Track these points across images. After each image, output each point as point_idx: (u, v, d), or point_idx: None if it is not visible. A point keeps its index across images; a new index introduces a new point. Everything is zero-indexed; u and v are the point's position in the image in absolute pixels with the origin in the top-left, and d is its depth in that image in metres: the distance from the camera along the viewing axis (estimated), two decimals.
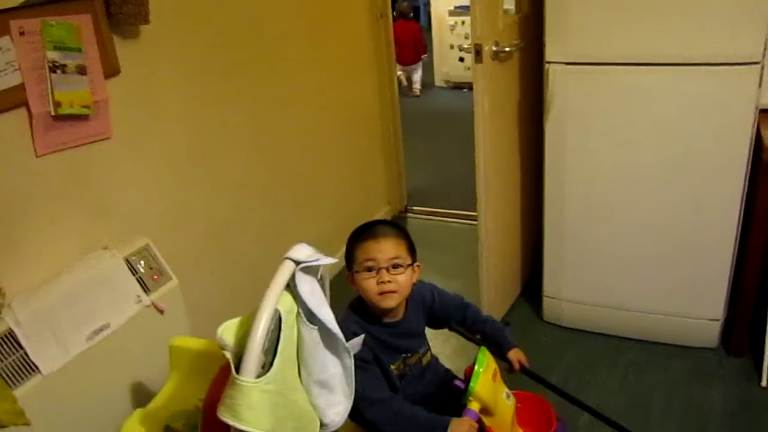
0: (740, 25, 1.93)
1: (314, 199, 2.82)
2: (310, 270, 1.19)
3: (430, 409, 1.61)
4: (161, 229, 1.98)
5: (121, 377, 1.70)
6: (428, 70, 6.39)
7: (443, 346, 2.28)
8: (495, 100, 2.22)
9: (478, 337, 1.81)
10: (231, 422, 0.99)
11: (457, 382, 1.67)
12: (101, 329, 1.66)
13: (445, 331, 1.80)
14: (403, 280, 1.55)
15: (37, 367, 1.52)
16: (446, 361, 1.84)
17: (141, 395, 1.69)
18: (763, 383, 2.18)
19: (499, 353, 1.75)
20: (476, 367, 1.60)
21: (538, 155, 2.36)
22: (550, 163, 2.32)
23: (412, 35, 6.05)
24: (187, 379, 1.52)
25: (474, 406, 1.57)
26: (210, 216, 2.22)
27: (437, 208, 3.61)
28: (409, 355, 1.66)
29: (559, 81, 2.17)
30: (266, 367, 1.05)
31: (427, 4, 7.18)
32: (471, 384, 1.57)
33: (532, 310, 2.67)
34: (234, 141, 2.32)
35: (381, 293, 1.54)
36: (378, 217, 3.25)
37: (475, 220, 2.38)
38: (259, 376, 1.02)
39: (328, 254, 1.22)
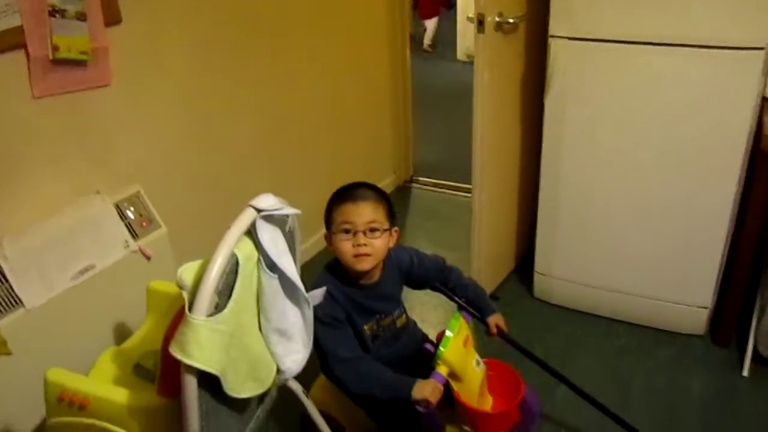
0: (747, 9, 1.89)
1: (317, 163, 2.84)
2: (274, 220, 1.21)
3: (404, 372, 1.64)
4: (155, 179, 2.03)
5: (104, 317, 1.75)
6: (451, 44, 6.33)
7: (430, 313, 2.32)
8: (496, 73, 2.21)
9: (463, 300, 1.83)
10: (179, 357, 1.03)
11: (428, 346, 1.70)
12: (87, 269, 1.71)
13: (432, 298, 1.83)
14: (379, 245, 1.57)
15: (21, 301, 1.58)
16: (430, 329, 1.87)
17: (120, 335, 1.75)
18: (745, 373, 2.17)
19: (479, 317, 1.77)
20: (447, 332, 1.63)
21: (538, 132, 2.35)
22: (548, 140, 2.31)
23: None
24: (162, 321, 1.55)
25: (442, 369, 1.59)
26: (206, 172, 2.26)
27: (443, 180, 3.62)
28: (383, 316, 1.69)
29: (561, 56, 2.15)
30: (219, 308, 1.08)
31: None
32: (440, 348, 1.59)
33: (524, 287, 2.68)
34: (237, 100, 2.34)
35: (356, 255, 1.56)
36: (382, 185, 3.25)
37: None
38: (211, 316, 1.05)
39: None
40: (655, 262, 2.30)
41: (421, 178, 3.66)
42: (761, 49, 1.91)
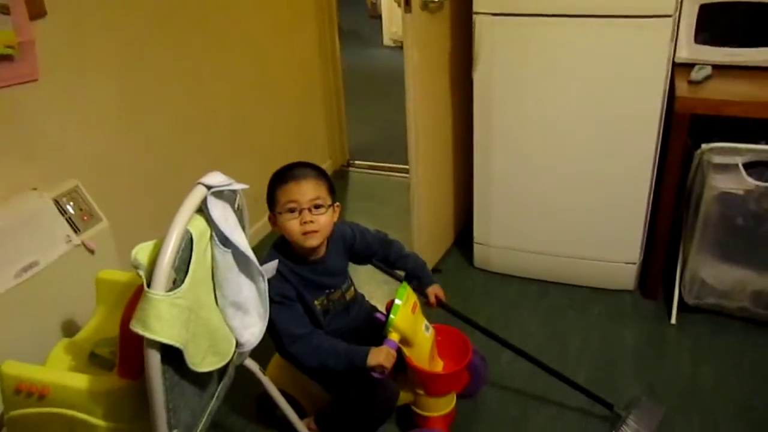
0: None
1: (252, 150, 2.86)
2: (223, 196, 1.24)
3: (357, 343, 1.70)
4: (92, 173, 2.00)
5: (52, 312, 1.73)
6: (377, 29, 6.38)
7: (375, 289, 2.38)
8: (425, 52, 2.27)
9: (403, 275, 1.90)
10: (141, 332, 1.05)
11: (378, 315, 1.77)
12: (30, 266, 1.68)
13: (377, 275, 1.89)
14: (324, 220, 1.62)
15: None
16: (378, 304, 1.94)
17: (70, 330, 1.73)
18: (673, 321, 2.33)
19: (419, 288, 1.84)
20: (396, 300, 1.70)
21: (469, 108, 2.44)
22: (479, 114, 2.40)
23: None
24: (114, 310, 1.56)
25: (394, 336, 1.66)
26: (142, 161, 2.25)
27: (379, 162, 3.68)
28: (332, 290, 1.74)
29: (486, 32, 2.24)
30: (177, 284, 1.11)
31: None
32: (391, 316, 1.66)
33: (464, 258, 2.78)
34: (167, 89, 2.33)
35: (304, 233, 1.61)
36: None
37: None
38: (170, 291, 1.08)
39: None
40: (584, 223, 2.43)
41: (357, 162, 3.72)
42: (668, 16, 2.05)
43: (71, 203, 1.86)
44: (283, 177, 1.64)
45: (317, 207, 1.61)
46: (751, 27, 2.19)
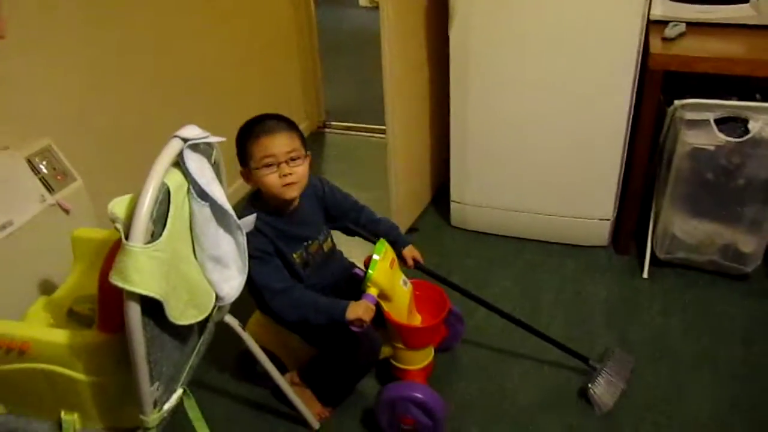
0: None
1: (226, 111, 2.82)
2: (200, 149, 1.24)
3: (336, 298, 1.71)
4: (65, 131, 1.97)
5: (28, 272, 1.72)
6: None
7: (352, 248, 2.39)
8: (400, 8, 2.25)
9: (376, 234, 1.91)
10: (121, 284, 1.06)
11: (357, 270, 1.79)
12: (4, 226, 1.66)
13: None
14: (302, 171, 1.63)
15: None
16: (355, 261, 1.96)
17: (48, 288, 1.73)
18: (645, 275, 2.38)
19: (395, 251, 1.86)
20: (374, 256, 1.71)
21: (445, 66, 2.43)
22: (455, 72, 2.40)
23: None
24: (91, 268, 1.56)
25: (372, 291, 1.69)
26: (115, 120, 2.22)
27: (355, 123, 3.67)
28: (310, 242, 1.75)
29: None
30: (155, 236, 1.11)
31: None
32: (369, 271, 1.68)
33: (441, 217, 2.80)
34: (139, 47, 2.29)
35: (285, 185, 1.61)
36: None
37: None
38: (148, 243, 1.08)
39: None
40: (559, 180, 2.46)
41: (333, 123, 3.70)
42: None
43: (44, 162, 1.83)
44: (253, 131, 1.62)
45: (294, 159, 1.61)
46: None
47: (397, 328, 1.79)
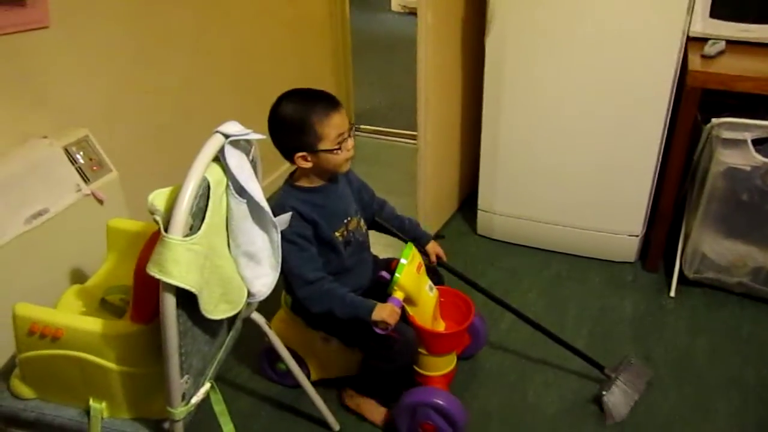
0: None
1: (259, 108, 2.83)
2: (240, 146, 1.25)
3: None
4: (102, 123, 2.00)
5: (61, 260, 1.75)
6: None
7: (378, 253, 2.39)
8: (439, 13, 2.26)
9: (399, 230, 1.91)
10: (158, 276, 1.06)
11: (383, 273, 1.78)
12: (40, 213, 1.69)
13: (381, 239, 1.91)
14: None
15: None
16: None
17: (80, 277, 1.75)
18: (672, 294, 2.36)
19: (418, 247, 1.85)
20: (402, 260, 1.71)
21: (479, 72, 2.43)
22: (489, 80, 2.40)
23: None
24: (124, 259, 1.57)
25: (398, 294, 1.68)
26: (151, 113, 2.24)
27: (385, 127, 3.67)
28: (349, 218, 1.74)
29: None
30: (194, 230, 1.12)
31: None
32: (396, 274, 1.68)
33: (468, 224, 2.79)
34: (177, 41, 2.32)
35: (346, 160, 1.62)
36: None
37: None
38: (187, 236, 1.09)
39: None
40: (589, 194, 2.44)
41: (363, 126, 3.71)
42: None
43: (81, 153, 1.86)
44: (317, 110, 1.54)
45: (350, 131, 1.61)
46: (766, 3, 2.18)
47: (421, 333, 1.78)
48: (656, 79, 2.17)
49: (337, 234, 1.69)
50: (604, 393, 1.85)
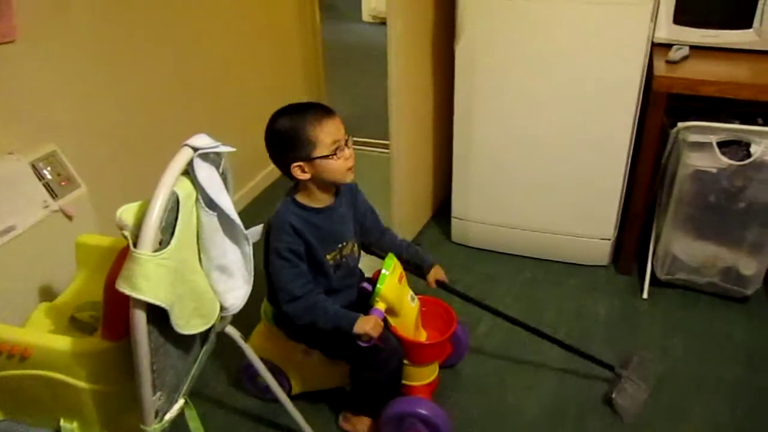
0: None
1: (231, 120, 2.83)
2: (209, 158, 1.24)
3: None
4: (70, 137, 1.97)
5: (29, 278, 1.71)
6: (356, 5, 6.33)
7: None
8: (408, 21, 2.27)
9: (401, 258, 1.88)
10: (128, 292, 1.05)
11: (365, 285, 1.77)
12: (7, 231, 1.66)
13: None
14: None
15: None
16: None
17: (50, 294, 1.72)
18: (645, 296, 2.38)
19: (420, 274, 1.85)
20: (383, 271, 1.71)
21: (450, 80, 2.44)
22: (460, 88, 2.41)
23: None
24: (94, 275, 1.55)
25: (380, 306, 1.67)
26: (120, 127, 2.22)
27: (357, 137, 3.66)
28: (345, 243, 1.72)
29: (470, 6, 2.24)
30: (164, 244, 1.11)
31: None
32: (378, 285, 1.67)
33: (442, 232, 2.80)
34: (147, 54, 2.30)
35: (348, 169, 1.58)
36: None
37: None
38: (156, 251, 1.08)
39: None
40: (561, 199, 2.46)
41: None
42: None
43: (49, 168, 1.83)
44: (309, 117, 1.53)
45: (347, 140, 1.59)
46: (729, 9, 2.23)
47: (403, 344, 1.77)
48: (623, 84, 2.21)
49: (328, 257, 1.68)
50: (614, 396, 1.87)
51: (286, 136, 1.55)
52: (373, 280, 1.73)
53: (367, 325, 1.59)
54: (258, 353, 1.81)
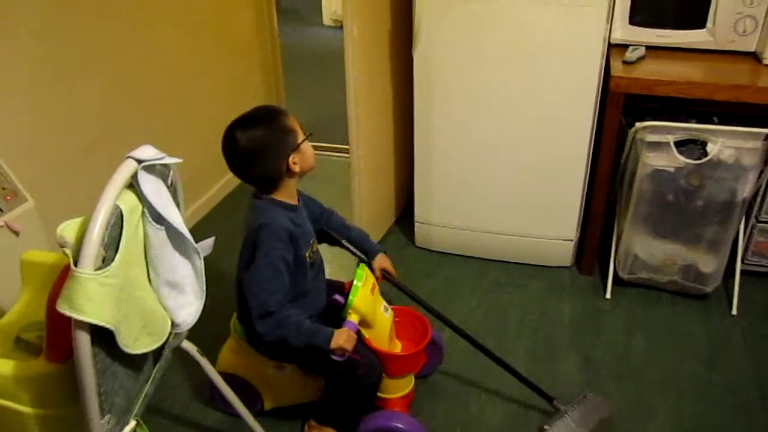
0: None
1: (187, 130, 2.77)
2: (156, 170, 1.19)
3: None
4: (16, 149, 1.90)
5: None
6: (316, 8, 6.28)
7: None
8: (365, 26, 2.24)
9: (348, 240, 1.86)
10: (69, 313, 1.00)
11: (337, 297, 1.72)
12: None
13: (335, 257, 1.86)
14: None
15: None
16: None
17: None
18: (608, 295, 2.39)
19: (366, 261, 1.82)
20: (355, 282, 1.67)
21: (409, 85, 2.42)
22: (419, 92, 2.39)
23: None
24: (41, 293, 1.49)
25: (353, 318, 1.64)
26: (69, 138, 2.14)
27: (318, 142, 3.63)
28: (313, 240, 1.71)
29: (426, 9, 2.23)
30: (107, 261, 1.06)
31: None
32: (350, 297, 1.64)
33: (406, 237, 2.78)
34: (95, 63, 2.23)
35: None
36: None
37: None
38: (99, 269, 1.03)
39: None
40: (522, 201, 2.46)
41: None
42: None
43: None
44: (274, 113, 1.61)
45: None
46: (683, 10, 2.25)
47: (378, 356, 1.73)
48: (581, 85, 2.21)
49: (306, 254, 1.65)
50: (546, 427, 1.79)
51: (268, 139, 1.55)
52: (345, 292, 1.69)
53: (340, 339, 1.55)
54: (228, 369, 1.77)
